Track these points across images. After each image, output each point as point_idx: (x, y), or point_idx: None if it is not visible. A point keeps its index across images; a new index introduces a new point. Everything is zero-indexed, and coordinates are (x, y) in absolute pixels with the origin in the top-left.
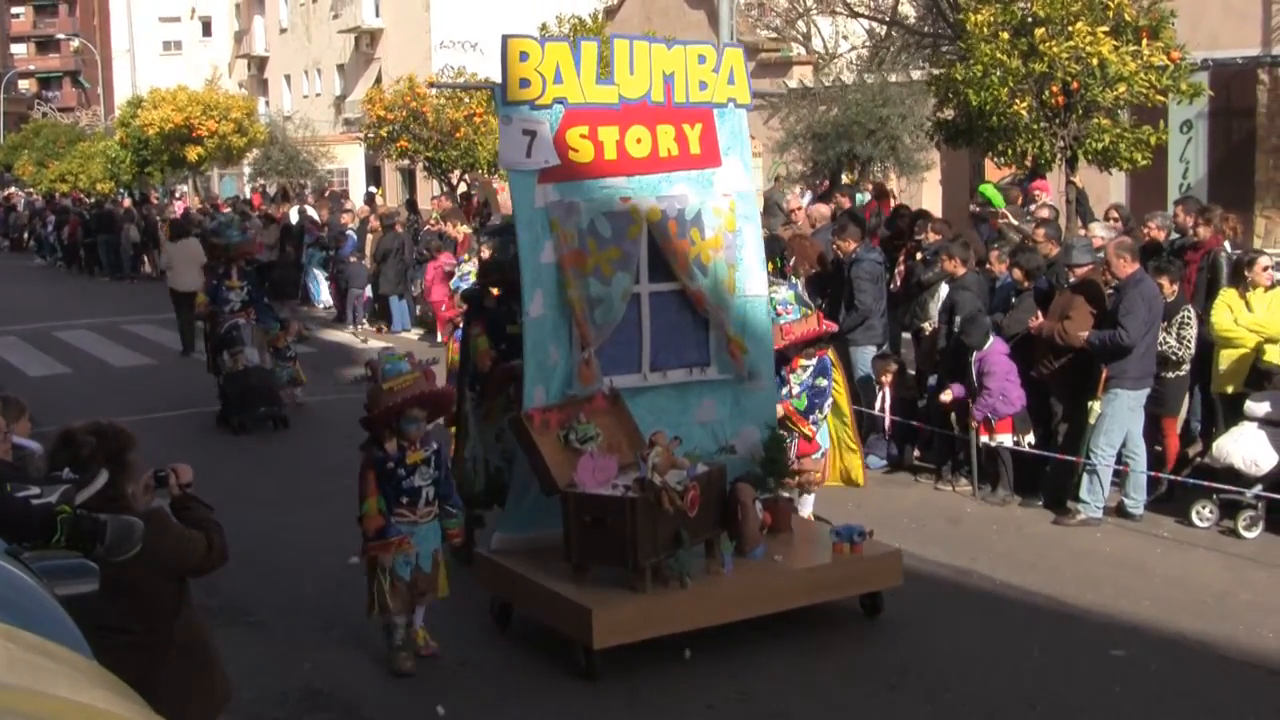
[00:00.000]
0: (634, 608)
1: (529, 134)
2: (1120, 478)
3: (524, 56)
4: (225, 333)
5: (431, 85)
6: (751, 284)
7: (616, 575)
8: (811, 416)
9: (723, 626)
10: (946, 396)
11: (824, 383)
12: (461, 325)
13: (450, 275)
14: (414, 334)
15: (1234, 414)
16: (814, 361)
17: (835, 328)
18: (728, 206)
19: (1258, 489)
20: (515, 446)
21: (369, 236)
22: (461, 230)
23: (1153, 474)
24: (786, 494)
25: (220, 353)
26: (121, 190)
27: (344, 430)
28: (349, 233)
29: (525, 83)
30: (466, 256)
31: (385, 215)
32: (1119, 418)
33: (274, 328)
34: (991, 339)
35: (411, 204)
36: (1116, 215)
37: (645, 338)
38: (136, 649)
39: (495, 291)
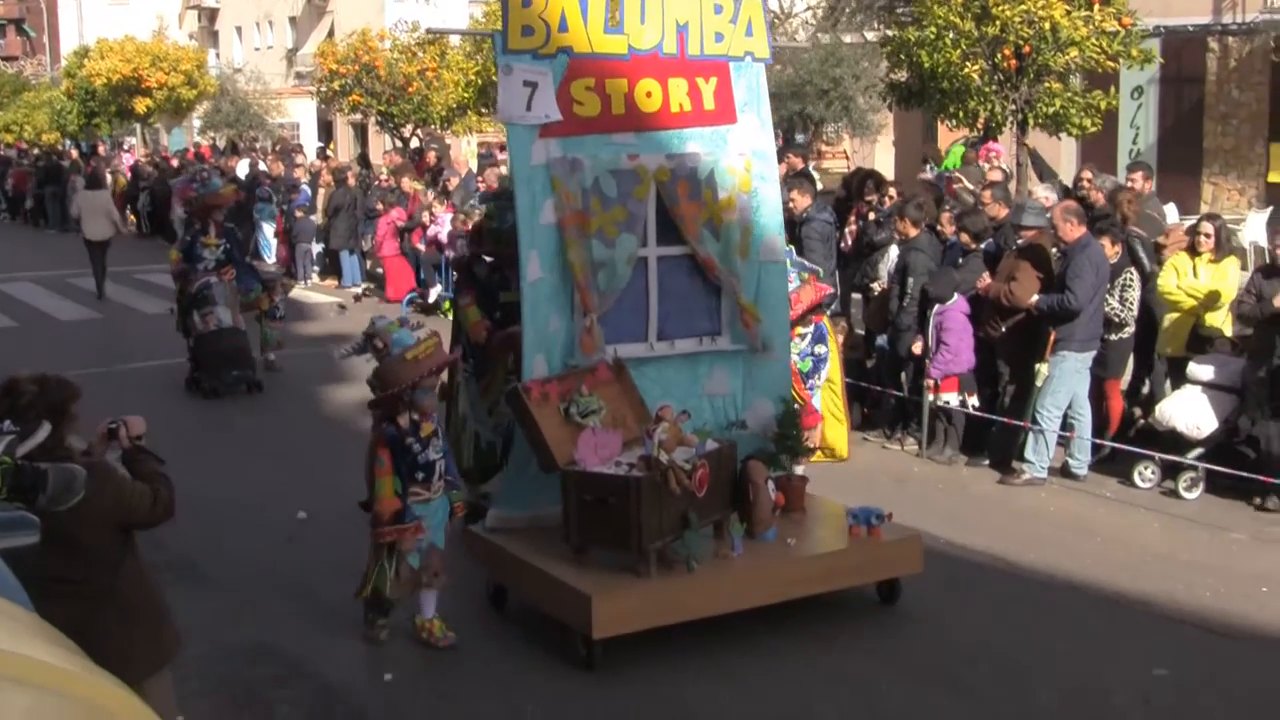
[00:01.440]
0: (637, 595)
1: (530, 85)
2: (1065, 439)
3: (526, 2)
4: (196, 292)
5: (431, 32)
6: (767, 249)
7: (619, 559)
8: (809, 383)
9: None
10: (918, 348)
11: (822, 350)
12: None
13: (403, 231)
14: (363, 288)
15: (1177, 377)
16: (811, 329)
17: (831, 290)
18: (743, 166)
19: (1198, 451)
20: (512, 420)
21: (321, 191)
22: (413, 186)
23: (1097, 440)
24: (800, 471)
25: (190, 313)
26: (68, 141)
27: (303, 388)
28: (302, 187)
29: (528, 30)
30: (433, 209)
31: (337, 170)
32: (1065, 380)
33: (255, 289)
34: (956, 295)
35: (364, 159)
36: (1090, 177)
37: (652, 305)
38: (77, 600)
39: (488, 259)
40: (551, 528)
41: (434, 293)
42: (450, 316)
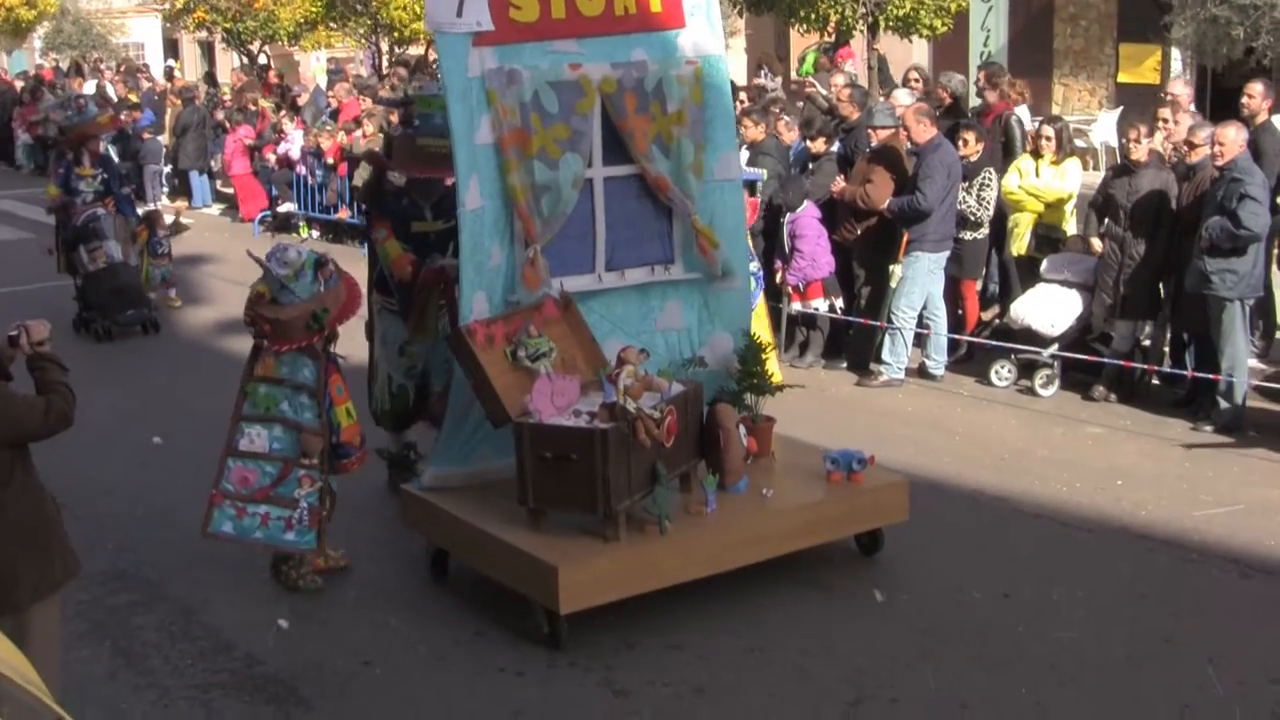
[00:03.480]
0: (607, 562)
1: None
2: (921, 340)
3: None
4: (82, 225)
5: None
6: (723, 166)
7: (581, 522)
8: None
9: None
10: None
11: (756, 267)
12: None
13: (253, 149)
14: (215, 209)
15: (1030, 277)
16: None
17: (756, 203)
18: (692, 74)
19: (1054, 349)
20: (428, 362)
21: (168, 111)
22: (263, 104)
23: (953, 336)
24: (767, 413)
25: (76, 249)
26: None
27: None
28: (145, 108)
29: None
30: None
31: (184, 89)
32: (919, 280)
33: (132, 221)
34: (806, 202)
35: (210, 77)
36: (917, 77)
37: (599, 232)
38: None
39: (394, 178)
40: (498, 484)
41: (285, 209)
42: (305, 235)
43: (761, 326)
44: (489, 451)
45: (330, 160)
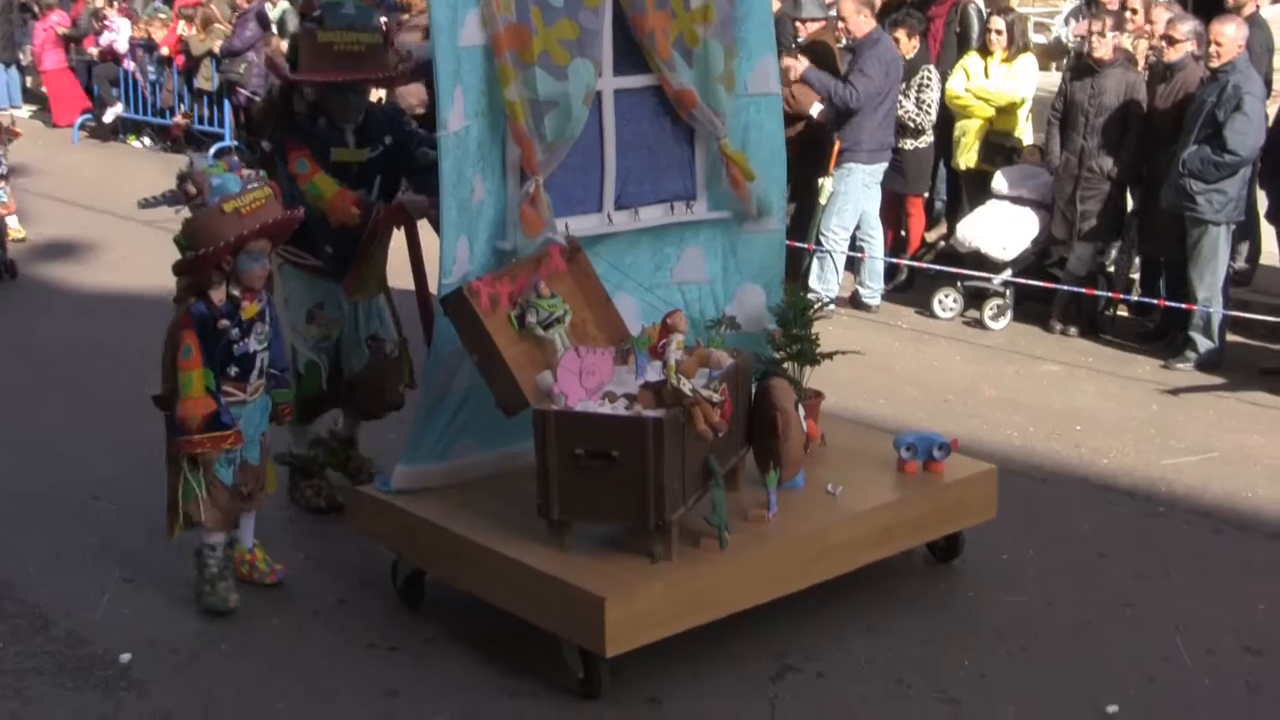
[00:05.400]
0: (661, 589)
1: None
2: (855, 264)
3: None
4: None
5: None
6: (757, 77)
7: (606, 533)
8: None
9: None
10: None
11: None
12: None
13: (69, 40)
14: (25, 110)
15: (980, 192)
16: None
17: None
18: None
19: (1006, 275)
20: (344, 332)
21: None
22: None
23: (891, 260)
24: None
25: None
26: None
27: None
28: None
29: None
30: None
31: None
32: (853, 195)
33: None
34: None
35: None
36: None
37: (609, 160)
38: None
39: (308, 95)
40: (485, 484)
41: (111, 113)
42: (140, 144)
43: None
44: (472, 442)
45: (165, 53)
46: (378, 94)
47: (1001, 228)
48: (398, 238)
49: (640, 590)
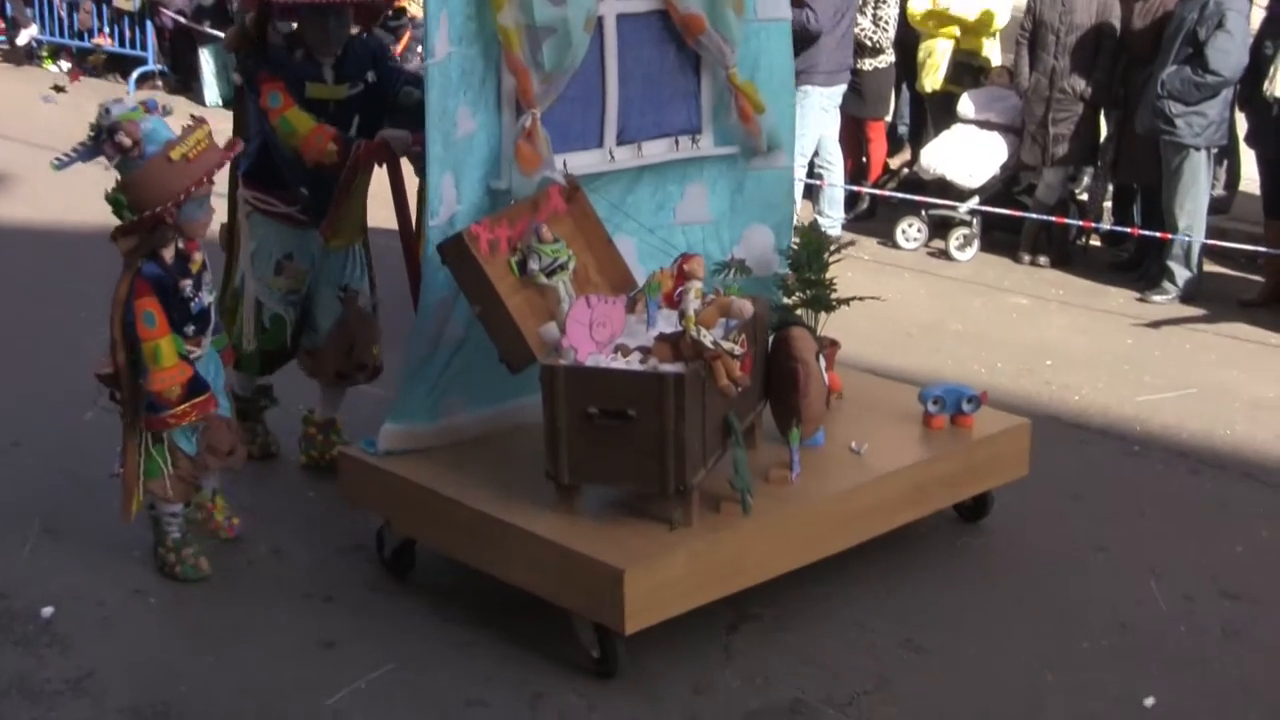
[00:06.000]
0: (684, 559)
1: None
2: (813, 192)
3: None
4: None
5: None
6: (768, 1)
7: (618, 495)
8: None
9: None
10: None
11: None
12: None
13: None
14: None
15: (945, 116)
16: None
17: None
18: None
19: (973, 203)
20: (314, 283)
21: None
22: None
23: (851, 187)
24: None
25: None
26: None
27: None
28: None
29: None
30: None
31: None
32: (809, 119)
33: None
34: None
35: None
36: None
37: (610, 91)
38: None
39: (283, 27)
40: (475, 445)
41: (25, 35)
42: (57, 68)
43: None
44: (466, 398)
45: None
46: None
47: (968, 153)
48: (379, 180)
49: (661, 561)
